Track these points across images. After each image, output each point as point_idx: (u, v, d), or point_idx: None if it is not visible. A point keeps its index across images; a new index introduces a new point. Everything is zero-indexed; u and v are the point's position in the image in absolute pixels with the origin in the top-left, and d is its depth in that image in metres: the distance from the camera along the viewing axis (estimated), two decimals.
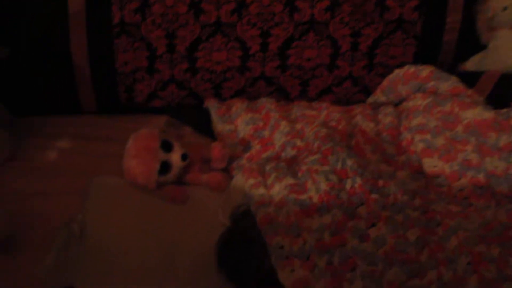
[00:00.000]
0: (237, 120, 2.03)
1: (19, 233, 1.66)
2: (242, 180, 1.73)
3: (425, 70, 2.00)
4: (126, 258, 1.59)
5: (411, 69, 2.03)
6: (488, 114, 1.78)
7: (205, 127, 2.06)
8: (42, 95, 2.11)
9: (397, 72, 2.07)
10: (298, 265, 1.46)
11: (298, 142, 1.89)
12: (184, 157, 1.77)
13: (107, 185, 1.80)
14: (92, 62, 2.04)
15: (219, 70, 2.11)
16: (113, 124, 2.13)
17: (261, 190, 1.64)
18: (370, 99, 2.18)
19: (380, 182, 1.63)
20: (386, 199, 1.58)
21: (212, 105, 2.09)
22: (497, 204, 1.66)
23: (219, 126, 2.03)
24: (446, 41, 2.16)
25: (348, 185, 1.60)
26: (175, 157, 1.77)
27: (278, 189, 1.61)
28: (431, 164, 1.81)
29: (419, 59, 2.15)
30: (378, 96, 2.14)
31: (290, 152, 1.87)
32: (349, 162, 1.65)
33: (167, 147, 1.77)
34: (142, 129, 1.80)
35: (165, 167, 1.76)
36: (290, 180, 1.63)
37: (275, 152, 1.92)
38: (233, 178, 1.81)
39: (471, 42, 2.17)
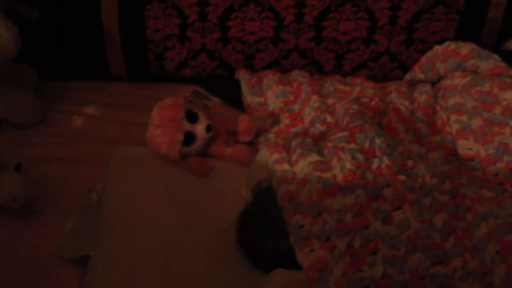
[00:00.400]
0: (267, 93, 1.97)
1: (42, 198, 1.67)
2: (266, 155, 1.68)
3: (466, 48, 1.90)
4: (143, 230, 1.56)
5: (451, 46, 1.93)
6: None
7: (235, 98, 2.01)
8: (71, 60, 2.10)
9: (436, 48, 1.97)
10: (317, 246, 1.41)
11: (328, 118, 1.83)
12: (208, 128, 1.73)
13: (129, 154, 1.76)
14: (122, 28, 2.00)
15: (251, 41, 2.05)
16: (143, 92, 2.10)
17: (285, 166, 1.59)
18: (408, 76, 2.09)
19: (409, 163, 1.56)
20: (413, 181, 1.51)
21: (242, 76, 2.03)
22: None
23: (249, 98, 1.98)
24: (491, 18, 2.05)
25: (374, 165, 1.54)
26: (199, 128, 1.73)
27: (302, 166, 1.56)
28: (466, 146, 1.74)
29: (462, 35, 2.06)
30: (416, 73, 2.05)
31: (319, 127, 1.81)
32: (378, 141, 1.58)
33: (192, 117, 1.74)
34: (167, 98, 1.77)
35: (189, 138, 1.73)
36: (315, 157, 1.57)
37: (304, 127, 1.86)
38: (258, 152, 1.76)
39: None
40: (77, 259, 1.50)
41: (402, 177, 1.50)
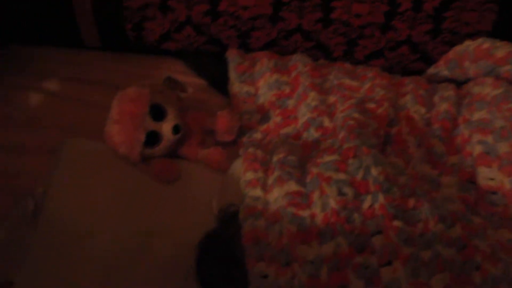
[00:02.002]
0: (259, 82, 1.67)
1: None
2: (241, 169, 1.39)
3: (502, 49, 1.54)
4: (86, 252, 1.30)
5: (485, 44, 1.58)
6: None
7: (224, 81, 1.71)
8: (37, 22, 1.78)
9: (468, 44, 1.63)
10: None
11: (326, 122, 1.52)
12: (176, 129, 1.44)
13: (82, 150, 1.48)
14: None
15: (246, 17, 1.72)
16: (117, 65, 1.80)
17: (257, 192, 1.30)
18: (431, 70, 1.75)
19: (411, 202, 1.25)
20: (413, 228, 1.20)
21: (232, 58, 1.71)
22: None
23: (236, 86, 1.67)
24: None
25: (366, 204, 1.23)
26: (165, 128, 1.44)
27: (277, 196, 1.26)
28: (488, 176, 1.41)
29: (500, 30, 1.72)
30: (441, 68, 1.71)
31: (313, 134, 1.51)
32: (374, 172, 1.27)
33: (158, 113, 1.45)
34: (130, 88, 1.46)
35: (153, 138, 1.45)
36: (293, 186, 1.27)
37: (297, 129, 1.56)
38: (234, 162, 1.47)
39: None
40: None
41: (398, 223, 1.19)
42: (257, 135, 1.59)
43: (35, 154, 1.51)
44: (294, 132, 1.56)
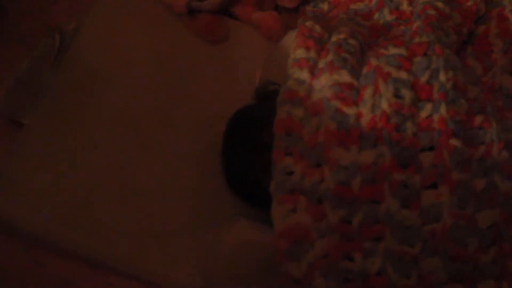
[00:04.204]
0: None
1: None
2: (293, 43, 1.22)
3: None
4: (106, 101, 1.23)
5: None
6: None
7: None
8: None
9: None
10: (302, 205, 1.01)
11: (404, 5, 1.30)
12: None
13: None
14: None
15: None
16: None
17: (304, 75, 1.12)
18: None
19: (477, 120, 1.06)
20: (472, 150, 1.03)
21: None
22: None
23: None
24: None
25: (423, 113, 1.04)
26: None
27: (324, 83, 1.08)
28: None
29: None
30: None
31: (385, 16, 1.30)
32: (443, 77, 1.07)
33: None
34: None
35: None
36: (345, 76, 1.08)
37: (369, 7, 1.35)
38: (288, 33, 1.30)
39: None
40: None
41: (455, 142, 1.01)
42: (323, 6, 1.40)
43: None
44: (365, 11, 1.35)
